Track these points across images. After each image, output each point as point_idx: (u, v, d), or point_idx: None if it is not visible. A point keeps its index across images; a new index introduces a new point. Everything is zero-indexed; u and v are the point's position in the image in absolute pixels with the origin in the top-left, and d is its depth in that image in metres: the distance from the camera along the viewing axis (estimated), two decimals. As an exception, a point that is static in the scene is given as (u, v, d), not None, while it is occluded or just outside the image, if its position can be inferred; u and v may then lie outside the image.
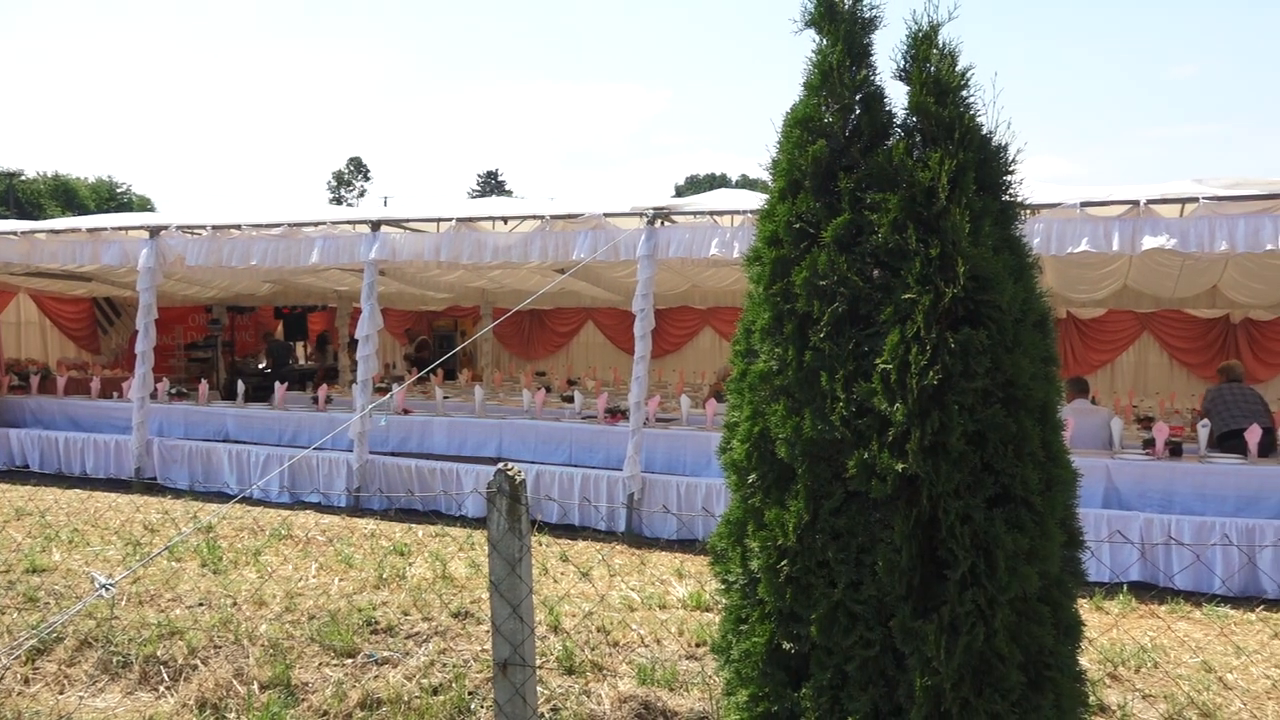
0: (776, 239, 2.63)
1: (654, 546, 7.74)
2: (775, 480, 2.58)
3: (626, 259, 8.34)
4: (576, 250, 8.31)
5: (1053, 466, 2.44)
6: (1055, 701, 2.40)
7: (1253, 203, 6.93)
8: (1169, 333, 15.00)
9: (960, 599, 2.35)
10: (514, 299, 11.44)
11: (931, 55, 2.55)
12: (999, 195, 2.54)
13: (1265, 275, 10.48)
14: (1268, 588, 6.62)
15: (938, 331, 2.39)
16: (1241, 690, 4.67)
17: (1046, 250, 7.10)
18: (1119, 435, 7.85)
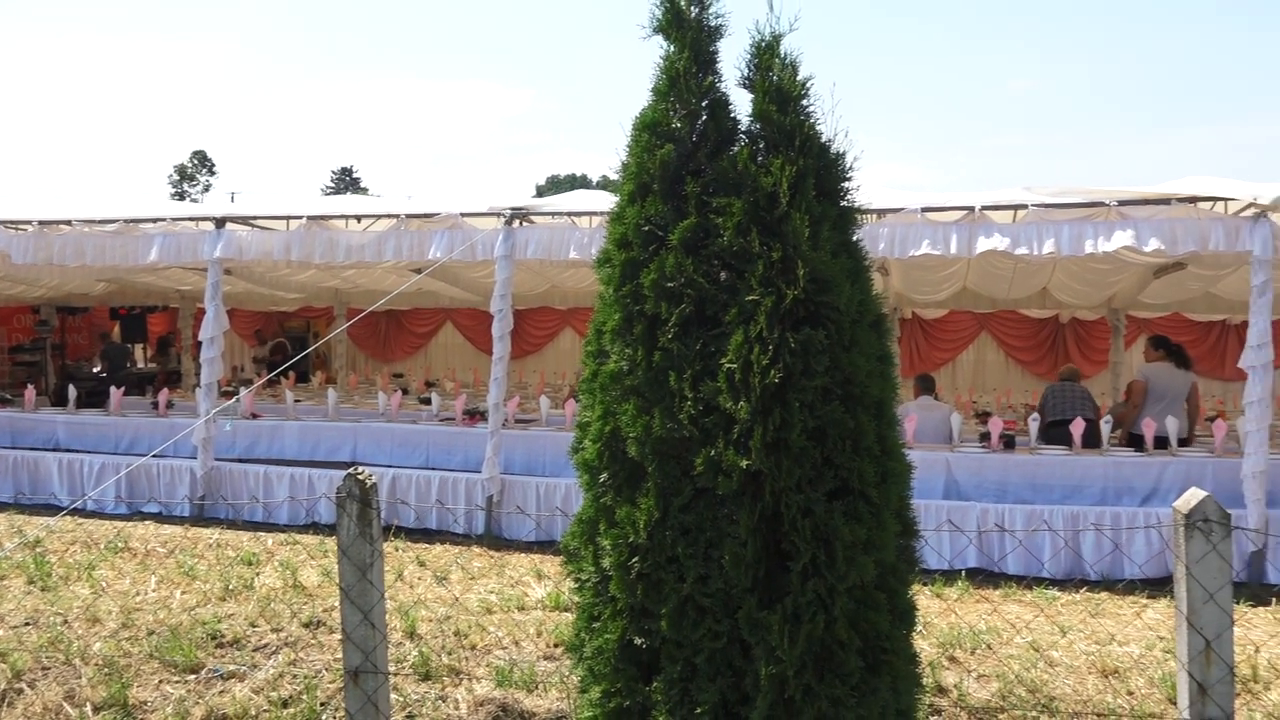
0: (626, 241, 2.67)
1: (513, 548, 7.70)
2: (626, 479, 2.62)
3: (484, 259, 8.28)
4: (433, 250, 8.19)
5: (888, 460, 2.55)
6: (892, 684, 2.52)
7: (1076, 210, 7.41)
8: (1005, 332, 15.86)
9: (802, 589, 2.44)
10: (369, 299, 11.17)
11: (774, 65, 2.64)
12: (837, 201, 2.65)
13: (1089, 278, 11.21)
14: (1090, 570, 7.09)
15: (779, 332, 2.47)
16: (1065, 666, 4.99)
17: (891, 253, 7.41)
18: (958, 430, 8.26)
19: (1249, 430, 6.83)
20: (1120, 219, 7.16)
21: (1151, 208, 7.19)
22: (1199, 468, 7.44)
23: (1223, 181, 7.44)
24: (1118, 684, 4.76)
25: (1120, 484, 7.51)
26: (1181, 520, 2.68)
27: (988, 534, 7.23)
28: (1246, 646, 5.28)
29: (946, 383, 15.48)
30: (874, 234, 7.38)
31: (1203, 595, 2.63)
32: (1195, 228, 6.92)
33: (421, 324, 18.11)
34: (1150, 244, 6.93)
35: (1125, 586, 6.76)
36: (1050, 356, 15.57)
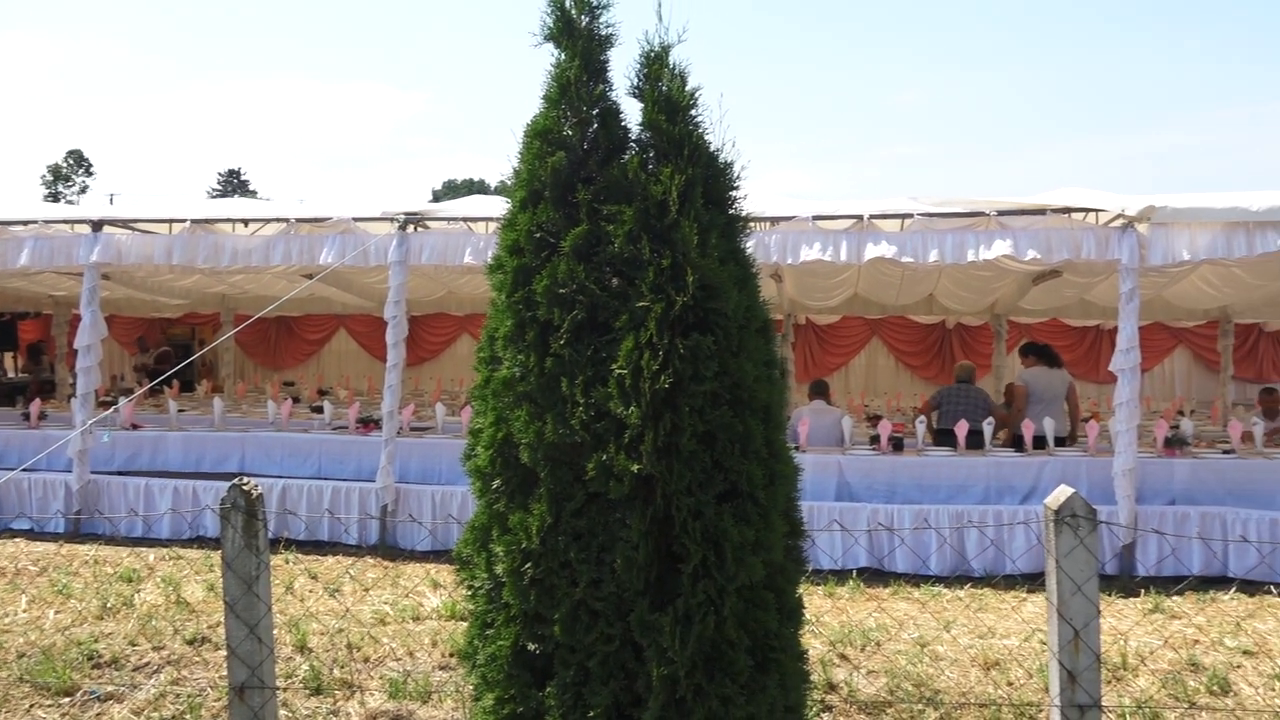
0: (518, 248, 2.67)
1: (409, 558, 7.59)
2: (519, 485, 2.63)
3: (378, 264, 8.15)
4: (324, 255, 8.03)
5: (775, 463, 2.61)
6: (780, 681, 2.57)
7: (959, 219, 7.69)
8: (895, 337, 16.33)
9: (693, 590, 2.48)
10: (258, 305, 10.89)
11: (663, 74, 2.68)
12: (726, 209, 2.70)
13: (972, 285, 11.62)
14: (974, 566, 7.35)
15: (669, 338, 2.51)
16: (949, 660, 5.17)
17: (783, 259, 7.57)
18: (849, 432, 8.47)
19: (1118, 430, 7.18)
20: (1000, 228, 7.46)
21: (1029, 218, 7.51)
22: (1074, 466, 7.79)
23: (1094, 193, 7.81)
24: (998, 675, 4.96)
25: (1002, 483, 7.81)
26: (1051, 516, 2.81)
27: (877, 534, 7.43)
28: (1118, 636, 5.56)
29: (839, 387, 15.84)
30: (767, 241, 7.53)
31: (1071, 587, 2.77)
32: (1069, 237, 7.26)
33: (313, 331, 17.70)
34: (1028, 252, 7.24)
35: (1006, 581, 7.03)
36: (937, 361, 16.09)
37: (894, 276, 11.04)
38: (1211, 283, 11.11)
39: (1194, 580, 6.94)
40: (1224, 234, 7.06)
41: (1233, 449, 8.14)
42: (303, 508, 8.04)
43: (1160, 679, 4.94)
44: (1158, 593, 6.56)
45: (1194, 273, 10.31)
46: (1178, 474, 7.69)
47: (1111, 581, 7.03)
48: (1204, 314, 13.95)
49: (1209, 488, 7.62)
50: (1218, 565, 7.21)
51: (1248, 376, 15.19)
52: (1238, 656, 5.28)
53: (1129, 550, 7.22)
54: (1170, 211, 7.07)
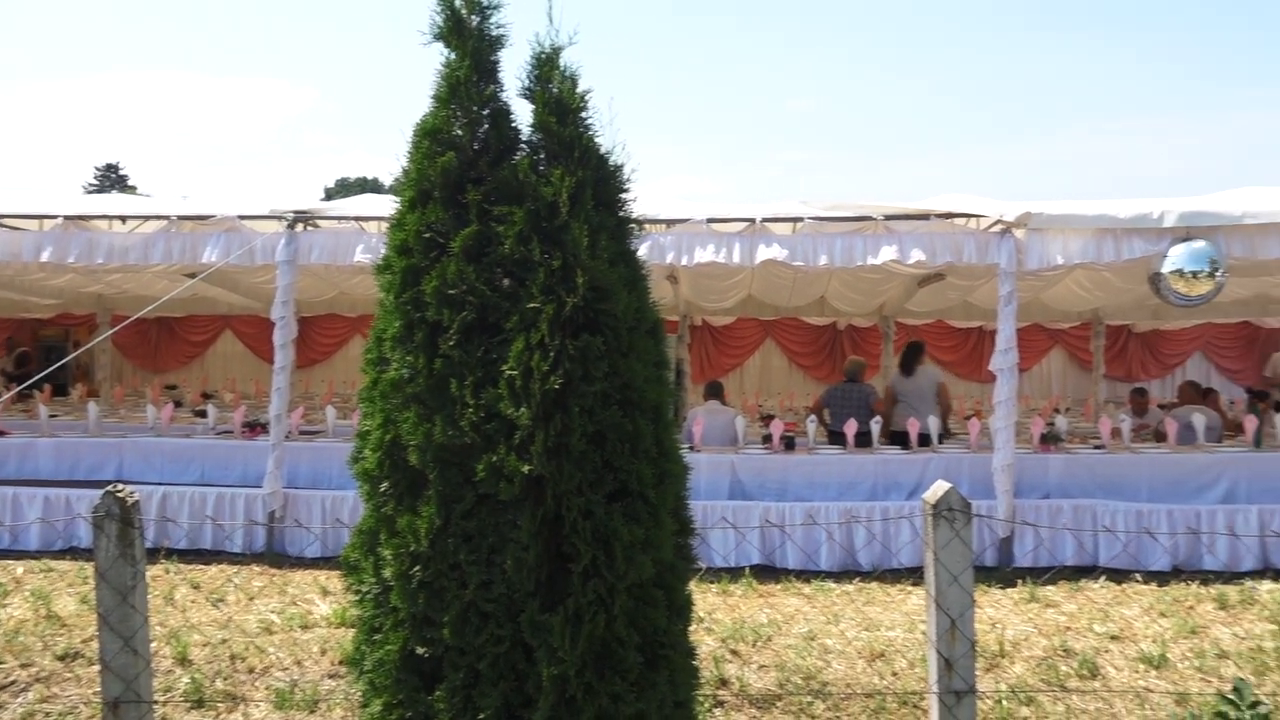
0: (407, 248, 2.64)
1: (298, 565, 7.41)
2: (407, 487, 2.60)
3: (265, 264, 7.93)
4: (208, 253, 7.78)
5: (665, 462, 2.65)
6: (670, 677, 2.61)
7: (848, 223, 7.90)
8: (788, 338, 16.64)
9: (584, 590, 2.49)
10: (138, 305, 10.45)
11: (554, 76, 2.68)
12: (616, 211, 2.73)
13: (861, 287, 11.95)
14: (862, 561, 7.55)
15: (560, 338, 2.52)
16: (837, 653, 5.31)
17: (678, 261, 7.66)
18: (743, 432, 8.60)
19: (997, 427, 7.48)
20: (887, 233, 7.69)
21: (914, 222, 7.76)
22: (956, 463, 8.07)
23: (975, 199, 8.13)
24: (883, 666, 5.11)
25: (888, 480, 8.04)
26: (930, 511, 2.91)
27: (769, 532, 7.57)
28: (995, 625, 5.79)
29: (734, 387, 16.06)
30: (662, 243, 7.60)
31: (948, 578, 2.88)
32: (951, 242, 7.53)
33: (197, 332, 17.09)
34: (912, 256, 7.48)
35: (892, 575, 7.24)
36: (829, 361, 16.46)
37: (786, 279, 11.26)
38: (1084, 286, 11.65)
39: (1067, 570, 7.28)
40: (1094, 240, 7.42)
41: (1103, 445, 8.55)
42: (184, 515, 7.76)
43: (1034, 664, 5.16)
44: (1034, 582, 6.85)
45: (1068, 276, 10.80)
46: (1052, 469, 8.04)
47: (991, 573, 7.32)
48: (1078, 316, 14.62)
49: (1081, 482, 7.99)
50: (1089, 555, 7.57)
51: (1118, 375, 15.98)
52: (1105, 641, 5.56)
53: (1007, 542, 7.52)
54: (1045, 218, 7.40)
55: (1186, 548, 7.48)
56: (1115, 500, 7.75)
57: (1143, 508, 7.65)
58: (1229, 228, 7.34)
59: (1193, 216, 7.33)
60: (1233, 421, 9.80)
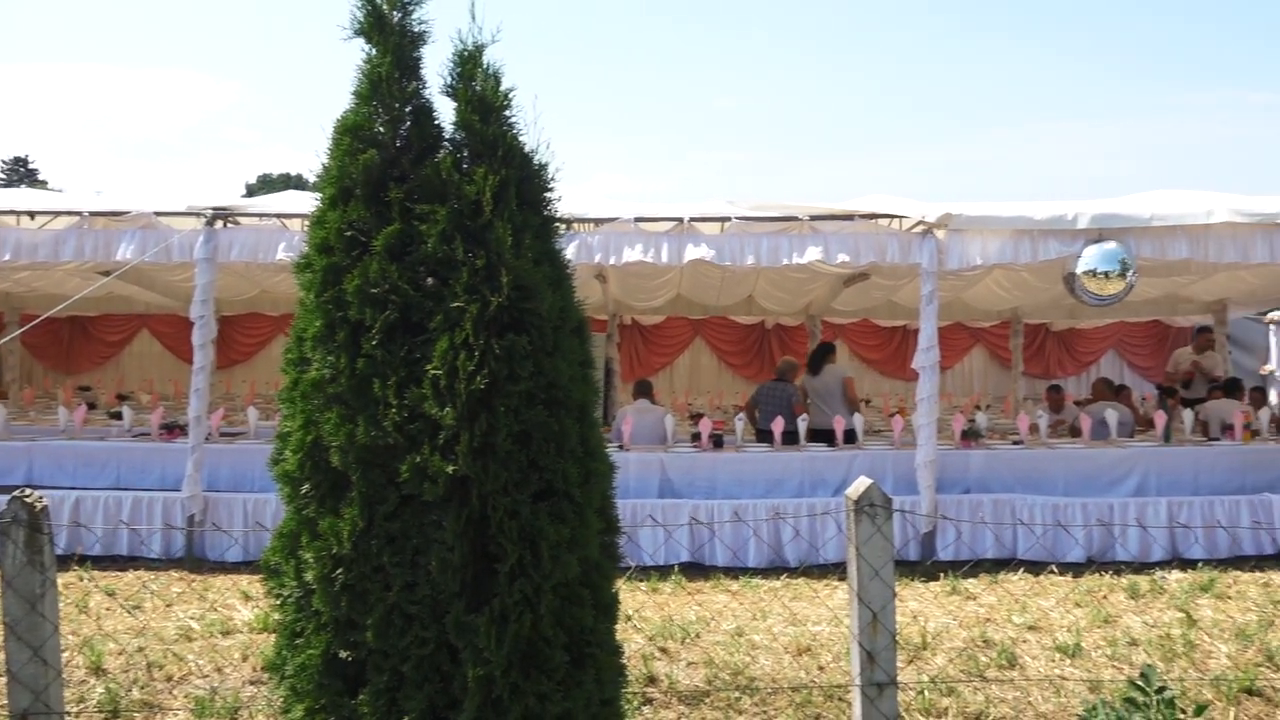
0: (328, 246, 2.61)
1: (219, 570, 7.24)
2: (330, 489, 2.56)
3: (183, 261, 7.74)
4: (122, 250, 7.56)
5: (591, 461, 2.65)
6: (596, 676, 2.61)
7: (774, 223, 7.99)
8: (716, 337, 16.76)
9: (510, 590, 2.48)
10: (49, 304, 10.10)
11: (477, 74, 2.67)
12: (540, 210, 2.72)
13: (788, 286, 12.10)
14: (789, 557, 7.64)
15: (485, 338, 2.51)
16: (765, 648, 5.37)
17: (606, 260, 7.66)
18: (672, 431, 8.64)
19: (920, 424, 7.63)
20: (812, 233, 7.79)
21: (838, 223, 7.87)
22: (881, 459, 8.21)
23: (898, 200, 8.27)
24: (809, 660, 5.18)
25: (815, 477, 8.15)
26: (852, 507, 2.97)
27: (698, 530, 7.62)
28: (919, 618, 5.91)
29: (664, 386, 16.13)
30: (590, 242, 7.60)
31: (870, 572, 2.93)
32: (875, 242, 7.66)
33: (112, 331, 16.57)
34: (837, 256, 7.60)
35: (819, 570, 7.35)
36: (758, 360, 16.61)
37: (714, 278, 11.35)
38: (1004, 286, 11.96)
39: (987, 562, 7.46)
40: (1012, 241, 7.62)
41: (1021, 440, 8.78)
42: (99, 520, 7.53)
43: (955, 655, 5.28)
44: (955, 575, 7.00)
45: (988, 276, 11.08)
46: (973, 464, 8.23)
47: (914, 567, 7.47)
48: (998, 315, 15.00)
49: (1000, 476, 8.20)
50: (1008, 548, 7.76)
51: (1036, 373, 16.41)
52: (1023, 632, 5.71)
53: (930, 537, 7.68)
54: (965, 219, 7.57)
55: (1100, 539, 7.72)
56: (1033, 494, 7.96)
57: (1059, 501, 7.87)
58: (1139, 229, 7.60)
59: (1105, 219, 7.57)
60: (1144, 417, 10.14)
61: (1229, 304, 13.74)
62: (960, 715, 4.62)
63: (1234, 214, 7.59)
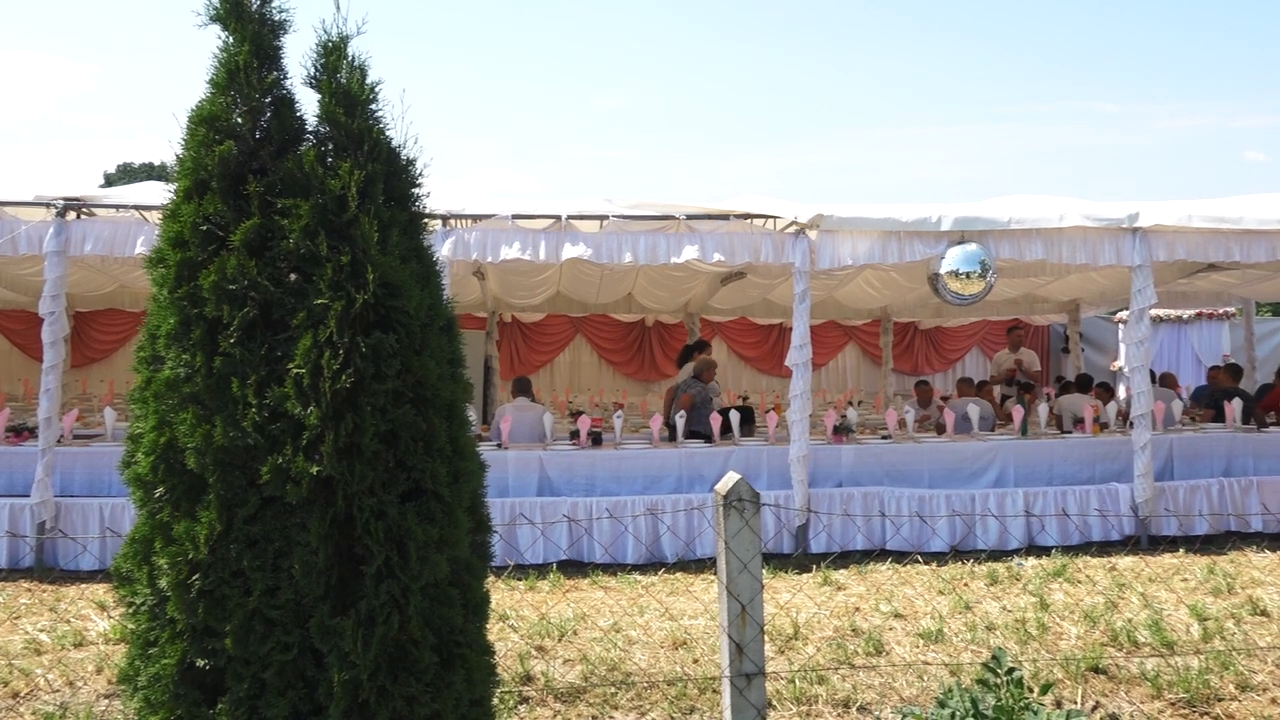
0: (182, 240, 2.51)
1: (72, 580, 6.89)
2: (185, 492, 2.47)
3: (30, 254, 7.33)
4: (-36, 243, 7.12)
5: (460, 460, 2.63)
6: (466, 676, 2.59)
7: (651, 222, 8.05)
8: (597, 335, 16.79)
9: (376, 591, 2.44)
10: (-119, 299, 9.44)
11: (342, 66, 2.61)
12: (408, 206, 2.68)
13: (667, 284, 12.22)
14: (667, 552, 7.73)
15: (350, 336, 2.46)
16: (642, 643, 5.42)
17: (483, 257, 7.60)
18: (551, 429, 8.63)
19: (793, 420, 7.82)
20: (689, 232, 7.89)
21: (715, 222, 7.99)
22: (756, 455, 8.38)
23: (772, 201, 8.45)
24: (684, 654, 5.25)
25: (693, 473, 8.26)
26: (721, 501, 3.02)
27: (577, 528, 7.63)
28: (791, 609, 6.05)
29: (545, 384, 16.09)
30: (467, 239, 7.53)
31: (738, 565, 2.99)
32: (750, 241, 7.81)
33: (-45, 328, 15.54)
34: (713, 255, 7.72)
35: (697, 565, 7.45)
36: (638, 358, 16.73)
37: (594, 276, 11.38)
38: (874, 285, 12.35)
39: (857, 554, 7.70)
40: (880, 242, 7.88)
41: (890, 435, 9.08)
42: (-62, 529, 7.08)
43: (825, 644, 5.43)
44: (826, 567, 7.20)
45: (859, 276, 11.42)
46: (845, 459, 8.48)
47: (788, 559, 7.65)
48: (869, 313, 15.49)
49: (870, 470, 8.46)
50: (877, 539, 8.03)
51: (905, 369, 17.02)
52: (889, 620, 5.91)
53: (803, 530, 7.87)
54: (836, 220, 7.79)
55: (962, 529, 8.06)
56: (900, 487, 8.25)
57: (924, 493, 8.18)
58: (998, 232, 7.96)
59: (966, 221, 7.90)
60: (1004, 412, 10.63)
61: (1081, 304, 14.53)
62: (829, 702, 4.75)
63: (1084, 219, 8.03)
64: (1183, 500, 8.39)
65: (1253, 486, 8.59)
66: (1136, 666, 5.21)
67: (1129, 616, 5.87)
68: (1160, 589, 6.58)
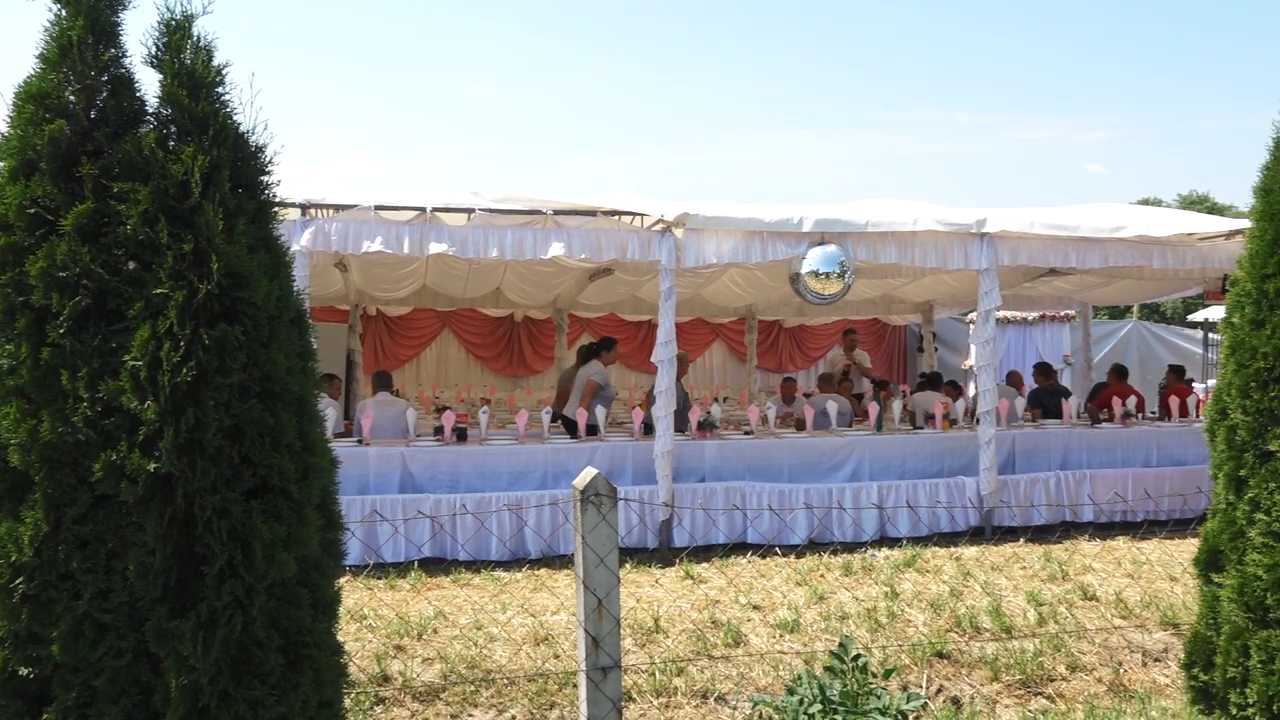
0: (7, 224, 2.37)
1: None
2: (8, 491, 2.34)
3: None
4: None
5: (310, 456, 2.56)
6: (314, 677, 2.53)
7: (518, 216, 8.00)
8: (465, 329, 16.59)
9: (218, 592, 2.36)
10: None
11: (186, 46, 2.51)
12: (257, 194, 2.60)
13: (535, 280, 12.17)
14: (531, 548, 7.71)
15: (192, 328, 2.37)
16: (504, 640, 5.39)
17: (344, 248, 7.42)
18: (414, 424, 8.49)
19: (658, 416, 7.91)
20: (556, 227, 7.87)
21: (582, 218, 8.00)
22: (623, 450, 8.43)
23: (639, 198, 8.52)
24: (547, 650, 5.25)
25: (558, 469, 8.24)
26: (578, 496, 3.04)
27: (440, 524, 7.53)
28: (654, 603, 6.13)
29: (410, 379, 15.81)
30: (327, 229, 7.33)
31: (595, 560, 3.02)
32: (617, 238, 7.85)
33: None
34: (580, 252, 7.72)
35: (561, 561, 7.46)
36: (506, 354, 16.61)
37: (461, 269, 11.25)
38: (739, 284, 12.60)
39: (720, 548, 7.84)
40: (744, 241, 8.04)
41: (752, 430, 9.28)
42: None
43: (686, 637, 5.52)
44: (690, 561, 7.31)
45: (725, 274, 11.64)
46: (708, 454, 8.61)
47: (653, 553, 7.74)
48: (735, 311, 15.78)
49: (733, 465, 8.63)
50: (739, 533, 8.20)
51: (770, 366, 17.43)
52: (749, 611, 6.05)
53: (667, 525, 7.97)
54: (701, 219, 7.91)
55: (820, 522, 8.31)
56: (761, 481, 8.44)
57: (784, 487, 8.40)
58: (856, 234, 8.23)
59: (826, 223, 8.14)
60: (862, 408, 11.00)
61: (935, 305, 15.16)
62: (688, 693, 4.84)
63: (936, 223, 8.38)
64: (1023, 492, 8.87)
65: (1086, 479, 9.14)
66: (978, 651, 5.49)
67: (972, 604, 6.17)
68: (1001, 577, 6.94)
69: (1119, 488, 9.15)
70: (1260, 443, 3.42)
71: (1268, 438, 3.39)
